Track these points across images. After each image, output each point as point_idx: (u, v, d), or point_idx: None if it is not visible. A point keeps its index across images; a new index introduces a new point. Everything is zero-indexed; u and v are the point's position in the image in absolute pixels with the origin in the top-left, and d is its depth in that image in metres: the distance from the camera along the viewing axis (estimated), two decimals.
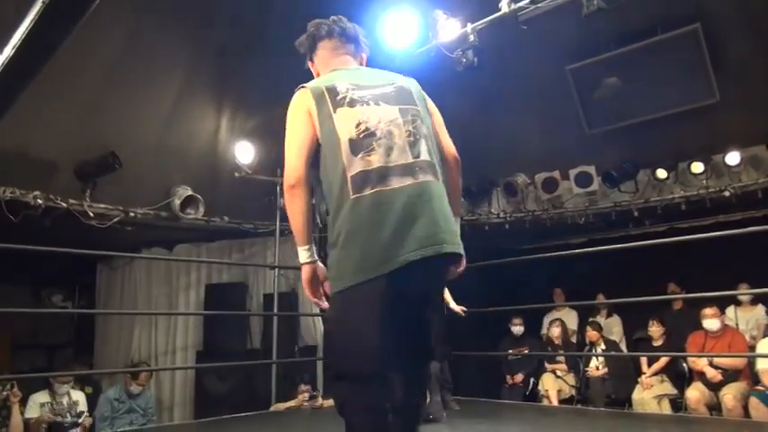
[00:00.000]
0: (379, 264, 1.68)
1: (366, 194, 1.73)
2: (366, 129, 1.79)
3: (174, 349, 6.59)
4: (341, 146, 1.78)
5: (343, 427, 1.70)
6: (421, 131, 1.85)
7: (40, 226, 5.14)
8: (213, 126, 6.04)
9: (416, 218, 1.72)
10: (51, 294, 8.65)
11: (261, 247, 6.75)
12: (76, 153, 5.07)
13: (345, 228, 1.73)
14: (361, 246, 1.70)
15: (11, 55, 0.61)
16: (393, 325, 1.70)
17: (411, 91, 1.95)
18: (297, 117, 1.88)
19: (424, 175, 1.78)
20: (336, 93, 1.85)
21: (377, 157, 1.76)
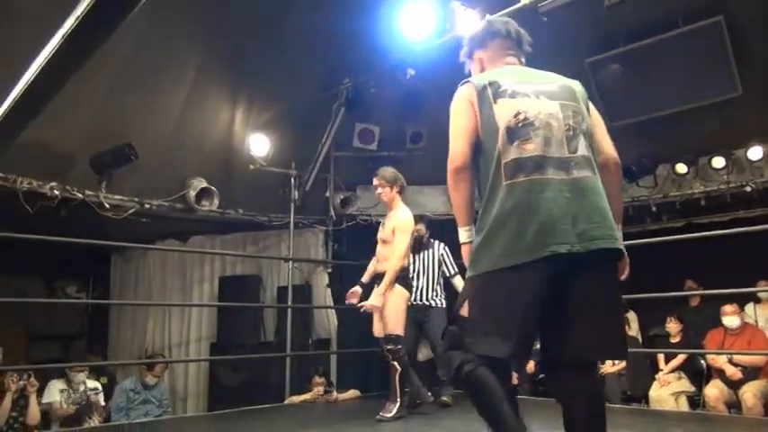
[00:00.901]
0: (526, 251, 1.71)
1: (519, 181, 1.77)
2: (525, 118, 1.83)
3: (188, 341, 6.61)
4: (498, 133, 1.83)
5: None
6: (581, 127, 1.87)
7: (56, 217, 5.15)
8: (228, 118, 6.03)
9: (568, 212, 1.73)
10: (66, 285, 8.70)
11: (275, 239, 6.74)
12: (93, 144, 5.07)
13: (495, 213, 1.78)
14: (510, 232, 1.74)
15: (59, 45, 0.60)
16: (530, 312, 1.73)
17: (574, 90, 1.98)
18: (460, 107, 1.95)
19: (579, 171, 1.79)
20: (498, 85, 1.91)
21: (533, 146, 1.80)
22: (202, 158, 5.97)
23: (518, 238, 1.73)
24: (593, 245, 1.72)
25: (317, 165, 6.07)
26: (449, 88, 2.08)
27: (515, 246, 1.73)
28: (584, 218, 1.74)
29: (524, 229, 1.73)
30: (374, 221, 6.57)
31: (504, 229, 1.76)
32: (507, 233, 1.75)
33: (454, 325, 1.92)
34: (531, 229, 1.72)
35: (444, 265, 4.85)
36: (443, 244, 4.90)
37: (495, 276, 1.77)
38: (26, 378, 4.47)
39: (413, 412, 4.14)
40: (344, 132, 6.15)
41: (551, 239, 1.71)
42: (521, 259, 1.71)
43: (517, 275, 1.72)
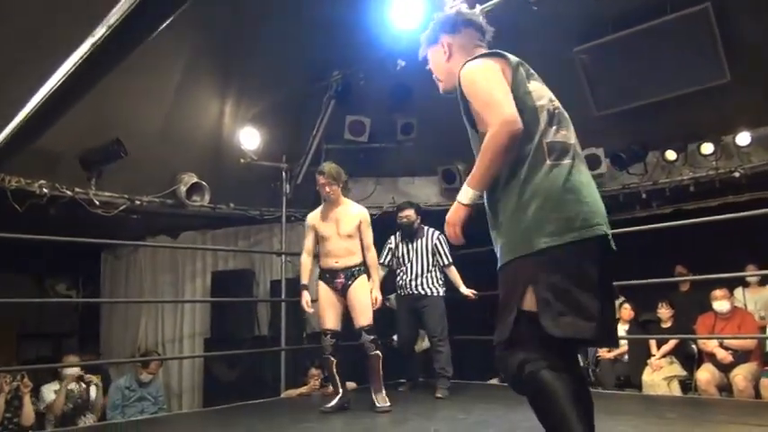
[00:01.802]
0: (581, 229, 1.73)
1: (564, 163, 1.80)
2: (557, 107, 1.89)
3: (181, 337, 6.59)
4: (537, 112, 1.83)
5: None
6: (563, 114, 1.92)
7: (46, 215, 5.11)
8: (217, 112, 5.98)
9: (596, 196, 1.83)
10: (56, 283, 8.64)
11: (267, 233, 6.73)
12: (81, 141, 5.01)
13: (543, 190, 1.76)
14: (564, 210, 1.74)
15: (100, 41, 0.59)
16: (599, 290, 1.73)
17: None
18: (492, 74, 1.85)
19: (580, 156, 1.89)
20: (527, 67, 1.92)
21: (567, 134, 1.86)
22: (192, 153, 5.92)
23: (574, 216, 1.73)
24: (609, 230, 1.81)
25: (307, 158, 6.06)
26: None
27: (572, 224, 1.73)
28: (601, 204, 1.83)
29: (578, 207, 1.75)
30: None
31: (556, 206, 1.74)
32: (560, 211, 1.73)
33: (503, 319, 1.78)
34: (583, 208, 1.76)
35: (438, 254, 4.78)
36: (438, 232, 4.83)
37: (555, 253, 1.71)
38: (19, 379, 4.44)
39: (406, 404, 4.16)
40: (335, 124, 6.13)
41: (597, 220, 1.77)
42: (582, 235, 1.73)
43: (580, 251, 1.72)
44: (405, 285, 4.78)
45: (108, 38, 0.68)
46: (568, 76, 5.48)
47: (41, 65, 3.64)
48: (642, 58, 5.29)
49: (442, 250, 4.79)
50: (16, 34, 4.23)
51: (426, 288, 4.71)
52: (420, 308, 4.71)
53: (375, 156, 6.61)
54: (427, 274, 4.73)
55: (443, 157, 6.46)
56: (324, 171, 4.09)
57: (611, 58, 5.43)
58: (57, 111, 0.88)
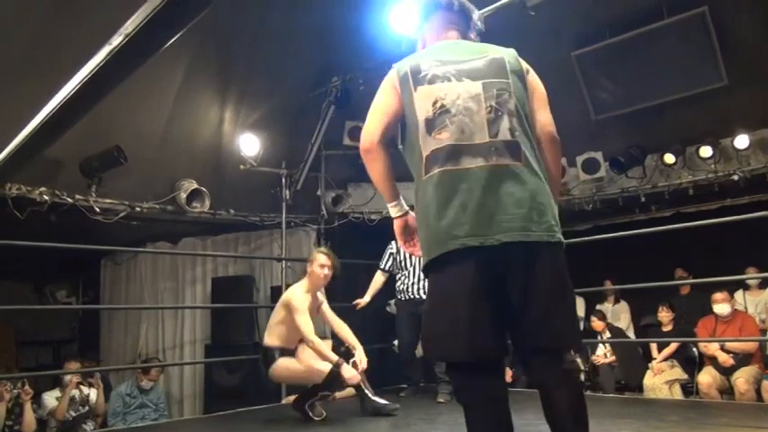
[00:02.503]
0: (440, 243, 1.68)
1: (434, 173, 1.72)
2: (442, 106, 1.75)
3: (182, 343, 6.58)
4: (418, 126, 1.78)
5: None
6: (506, 107, 1.75)
7: (46, 222, 5.11)
8: (217, 119, 5.99)
9: (483, 203, 1.65)
10: (55, 290, 8.63)
11: (267, 239, 6.72)
12: (81, 148, 5.02)
13: (418, 209, 1.80)
14: (428, 225, 1.73)
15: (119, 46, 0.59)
16: (470, 307, 1.63)
17: (504, 63, 1.84)
18: (382, 90, 1.91)
19: (498, 158, 1.69)
20: (419, 71, 1.82)
21: (446, 135, 1.72)
22: (192, 160, 5.93)
23: (434, 230, 1.70)
24: (507, 237, 1.63)
25: (307, 164, 6.07)
26: None
27: (432, 239, 1.70)
28: (499, 209, 1.65)
29: (438, 222, 1.68)
30: (366, 219, 6.58)
31: (425, 223, 1.75)
32: (427, 227, 1.73)
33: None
34: (443, 223, 1.67)
35: None
36: None
37: (432, 273, 1.75)
38: (20, 386, 4.43)
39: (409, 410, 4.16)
40: (334, 130, 6.15)
41: (462, 232, 1.64)
42: (436, 252, 1.68)
43: (442, 271, 1.69)
44: (405, 290, 4.78)
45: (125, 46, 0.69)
46: (566, 80, 5.51)
47: (48, 74, 3.67)
48: (640, 62, 5.31)
49: None
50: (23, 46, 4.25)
51: None
52: (421, 312, 4.70)
53: None
54: None
55: None
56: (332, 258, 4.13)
57: (609, 62, 5.45)
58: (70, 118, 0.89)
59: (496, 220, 1.64)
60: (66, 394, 4.58)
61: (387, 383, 5.55)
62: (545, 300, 1.66)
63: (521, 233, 1.65)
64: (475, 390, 1.68)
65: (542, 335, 1.66)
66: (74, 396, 4.64)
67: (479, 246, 1.63)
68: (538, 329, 1.66)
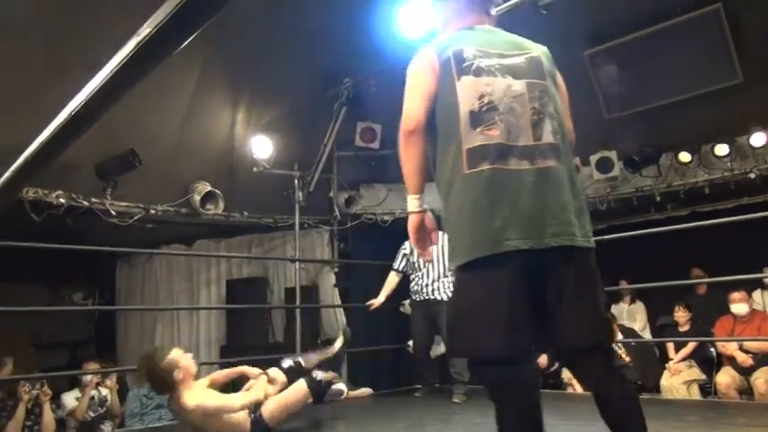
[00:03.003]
0: (490, 244, 1.64)
1: (483, 170, 1.68)
2: (490, 102, 1.71)
3: (197, 344, 6.62)
4: (459, 116, 1.72)
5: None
6: (547, 110, 1.75)
7: (63, 225, 5.17)
8: (229, 121, 6.03)
9: (532, 206, 1.65)
10: (72, 292, 8.72)
11: (280, 241, 6.75)
12: (97, 152, 5.07)
13: (458, 203, 1.72)
14: (474, 223, 1.68)
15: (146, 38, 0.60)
16: (508, 308, 1.62)
17: (542, 63, 1.83)
18: (420, 70, 1.82)
19: (543, 161, 1.70)
20: (462, 59, 1.76)
21: (497, 133, 1.69)
22: (206, 162, 5.98)
23: (480, 231, 1.66)
24: (554, 241, 1.65)
25: (319, 165, 6.09)
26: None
27: (477, 239, 1.66)
28: (546, 213, 1.66)
29: (486, 222, 1.65)
30: (379, 220, 6.59)
31: (469, 220, 1.69)
32: (471, 225, 1.69)
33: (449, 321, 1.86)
34: (492, 223, 1.65)
35: None
36: None
37: (465, 271, 1.71)
38: (38, 387, 4.48)
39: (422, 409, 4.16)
40: (346, 132, 6.17)
41: (513, 235, 1.63)
42: (482, 253, 1.65)
43: (485, 271, 1.65)
44: (420, 291, 4.77)
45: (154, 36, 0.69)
46: (580, 79, 5.47)
47: (65, 77, 3.71)
48: (654, 60, 5.27)
49: None
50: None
51: (442, 293, 4.67)
52: (436, 313, 4.69)
53: (387, 162, 6.62)
54: (443, 279, 4.69)
55: None
56: None
57: (623, 61, 5.42)
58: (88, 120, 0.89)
59: (545, 224, 1.65)
60: (86, 394, 4.63)
61: (401, 384, 5.56)
62: (586, 302, 1.69)
63: (566, 237, 1.67)
64: (509, 387, 1.68)
65: (587, 335, 1.69)
66: (93, 396, 4.68)
67: (528, 249, 1.63)
68: (582, 330, 1.68)
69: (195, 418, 3.00)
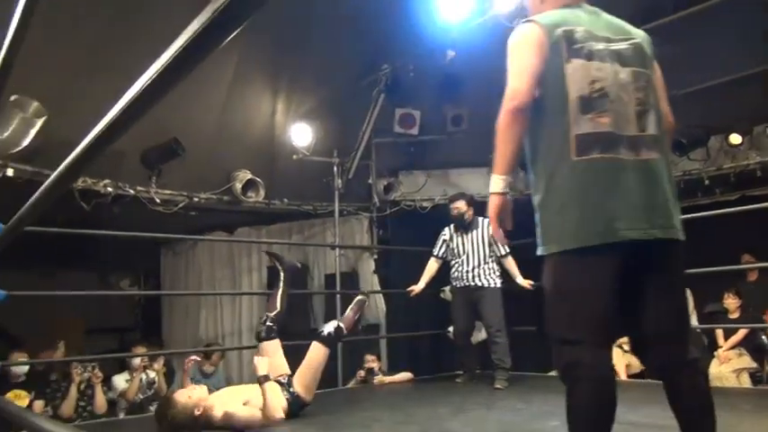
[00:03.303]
0: (601, 233, 1.63)
1: (593, 158, 1.65)
2: (601, 88, 1.67)
3: (240, 330, 6.75)
4: (567, 101, 1.68)
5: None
6: (650, 101, 1.74)
7: (110, 213, 5.30)
8: (269, 109, 6.09)
9: (639, 197, 1.65)
10: (119, 279, 8.99)
11: (320, 228, 6.81)
12: (141, 141, 5.18)
13: (563, 190, 1.68)
14: (583, 211, 1.65)
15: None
16: (605, 296, 1.65)
17: (644, 50, 1.79)
18: (526, 45, 1.74)
19: (648, 152, 1.69)
20: (574, 40, 1.71)
21: (608, 121, 1.66)
22: (246, 150, 6.05)
23: (592, 219, 1.65)
24: (661, 233, 1.66)
25: (358, 152, 6.09)
26: (489, 69, 1.97)
27: (588, 227, 1.64)
28: (653, 205, 1.66)
29: (598, 211, 1.64)
30: (418, 206, 6.57)
31: (575, 207, 1.66)
32: (580, 213, 1.65)
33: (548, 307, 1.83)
34: (604, 212, 1.64)
35: (495, 244, 4.68)
36: None
37: (568, 257, 1.67)
38: (90, 370, 4.64)
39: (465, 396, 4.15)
40: (385, 118, 6.15)
41: (624, 225, 1.63)
42: (593, 241, 1.63)
43: (591, 258, 1.63)
44: (461, 277, 4.74)
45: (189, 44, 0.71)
46: None
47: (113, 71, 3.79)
48: (704, 39, 5.08)
49: (497, 241, 4.74)
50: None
51: (483, 280, 4.65)
52: (476, 299, 4.67)
53: (425, 148, 6.60)
54: (484, 266, 4.66)
55: (495, 147, 6.38)
56: None
57: (670, 40, 5.22)
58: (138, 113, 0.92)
59: (652, 215, 1.66)
60: (135, 377, 4.78)
61: (441, 370, 5.55)
62: (678, 293, 1.75)
63: (672, 230, 1.70)
64: (591, 366, 1.67)
65: (674, 323, 1.72)
66: (141, 379, 4.83)
67: (636, 239, 1.63)
68: (670, 317, 1.71)
69: (235, 422, 3.10)
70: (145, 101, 0.90)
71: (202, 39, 0.72)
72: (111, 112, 0.96)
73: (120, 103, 0.93)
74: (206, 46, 0.75)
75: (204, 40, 0.73)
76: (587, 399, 1.65)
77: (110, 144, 1.09)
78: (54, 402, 4.49)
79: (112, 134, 1.01)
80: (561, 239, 1.70)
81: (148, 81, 0.84)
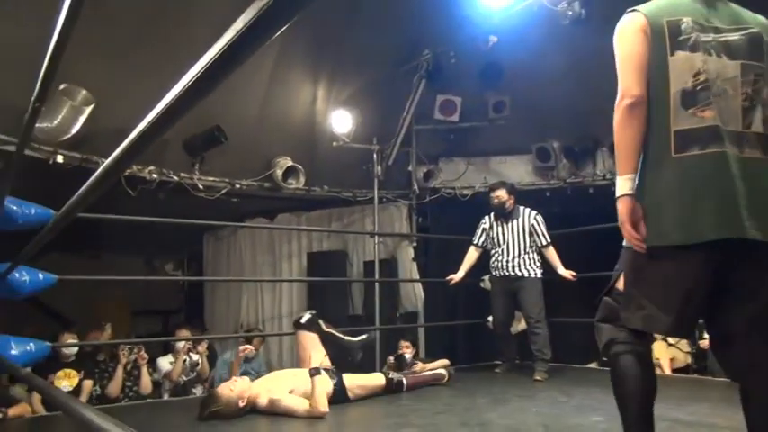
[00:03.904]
0: (695, 233, 1.60)
1: (693, 154, 1.62)
2: (705, 80, 1.63)
3: (280, 315, 6.84)
4: (670, 94, 1.65)
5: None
6: (761, 95, 1.66)
7: (155, 199, 5.42)
8: (310, 96, 6.11)
9: (741, 196, 1.59)
10: (163, 264, 9.22)
11: (359, 215, 6.82)
12: (185, 128, 5.26)
13: (662, 185, 1.65)
14: (680, 209, 1.63)
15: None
16: (693, 294, 1.64)
17: (761, 41, 1.70)
18: (634, 37, 1.70)
19: (751, 150, 1.62)
20: (679, 31, 1.66)
21: (711, 115, 1.61)
22: (287, 138, 6.09)
23: (689, 217, 1.61)
24: (759, 235, 1.58)
25: (398, 139, 6.06)
26: (532, 55, 1.95)
27: (685, 225, 1.61)
28: (751, 204, 1.59)
29: (696, 208, 1.60)
30: (458, 194, 6.52)
31: (673, 204, 1.63)
32: (677, 210, 1.63)
33: (610, 296, 1.85)
34: (703, 210, 1.59)
35: (536, 234, 4.62)
36: (535, 212, 4.69)
37: (658, 252, 1.65)
38: (136, 351, 4.78)
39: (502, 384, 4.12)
40: (425, 105, 6.10)
41: (723, 224, 1.58)
42: (690, 240, 1.60)
43: (683, 255, 1.61)
44: (500, 267, 4.69)
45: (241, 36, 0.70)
46: None
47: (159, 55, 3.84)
48: None
49: (539, 230, 4.63)
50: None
51: (523, 269, 4.59)
52: (516, 289, 4.62)
53: (466, 135, 6.52)
54: (524, 256, 4.60)
55: (537, 134, 6.27)
56: None
57: None
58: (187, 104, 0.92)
59: (748, 215, 1.58)
60: (179, 359, 4.90)
61: (479, 359, 5.53)
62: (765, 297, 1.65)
63: (765, 232, 1.59)
64: (626, 341, 1.75)
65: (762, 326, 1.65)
66: (185, 361, 4.95)
67: (728, 238, 1.58)
68: (759, 321, 1.64)
69: (280, 409, 3.22)
70: (191, 96, 0.90)
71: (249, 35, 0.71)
72: (159, 104, 0.97)
73: (168, 97, 0.94)
74: (253, 42, 0.75)
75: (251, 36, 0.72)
76: (624, 371, 1.72)
77: (159, 136, 1.11)
78: (102, 382, 4.64)
79: (161, 126, 1.03)
80: (651, 237, 1.67)
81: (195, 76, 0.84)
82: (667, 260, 1.64)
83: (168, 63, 3.26)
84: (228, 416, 3.14)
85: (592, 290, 5.88)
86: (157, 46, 4.56)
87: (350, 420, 3.32)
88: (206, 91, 0.91)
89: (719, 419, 2.84)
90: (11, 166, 3.17)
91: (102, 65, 4.54)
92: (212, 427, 3.05)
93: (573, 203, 6.13)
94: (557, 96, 5.63)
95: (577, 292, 5.57)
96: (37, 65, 1.58)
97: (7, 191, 3.10)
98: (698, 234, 1.59)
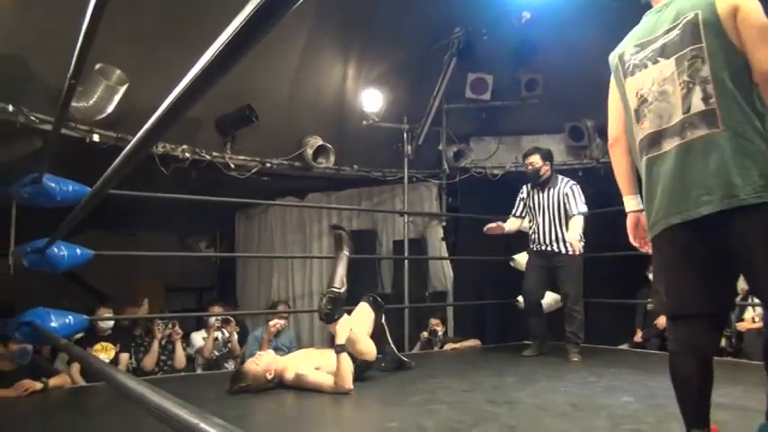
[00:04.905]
0: (651, 228, 1.88)
1: (642, 162, 1.89)
2: (641, 96, 1.88)
3: (310, 292, 6.92)
4: (632, 116, 1.94)
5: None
6: (698, 76, 1.73)
7: (188, 178, 5.50)
8: (341, 75, 6.09)
9: (678, 181, 1.76)
10: (197, 242, 9.39)
11: (389, 194, 6.82)
12: (216, 108, 5.31)
13: (642, 187, 1.95)
14: (646, 208, 1.92)
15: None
16: (683, 276, 1.79)
17: (698, 22, 1.74)
18: (611, 82, 2.06)
19: (692, 131, 1.74)
20: (624, 62, 1.96)
21: (647, 125, 1.86)
22: (317, 117, 6.10)
23: (650, 214, 1.87)
24: (707, 209, 1.70)
25: (429, 118, 6.02)
26: (566, 32, 2.04)
27: (650, 219, 1.88)
28: (695, 184, 1.72)
29: (650, 206, 1.87)
30: (488, 173, 6.46)
31: (646, 204, 1.92)
32: (647, 207, 1.91)
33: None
34: (653, 207, 1.85)
35: (567, 203, 4.43)
36: (573, 182, 4.53)
37: (653, 243, 1.90)
38: (171, 327, 4.90)
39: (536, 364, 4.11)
40: (456, 83, 6.03)
41: (666, 213, 1.79)
42: (656, 230, 1.85)
43: (662, 245, 1.85)
44: (537, 240, 4.55)
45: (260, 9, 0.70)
46: None
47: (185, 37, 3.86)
48: None
49: (571, 199, 4.42)
50: None
51: (562, 245, 4.41)
52: (554, 267, 4.48)
53: (498, 114, 6.44)
54: (560, 229, 4.43)
55: (570, 113, 6.15)
56: None
57: None
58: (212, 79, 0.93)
59: (695, 194, 1.72)
60: (211, 335, 5.02)
61: (507, 339, 5.52)
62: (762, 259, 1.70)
63: (722, 202, 1.68)
64: (673, 340, 1.85)
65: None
66: (216, 338, 5.06)
67: (682, 222, 1.75)
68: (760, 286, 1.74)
69: (305, 384, 3.32)
70: (214, 70, 0.91)
71: (270, 6, 0.71)
72: (182, 81, 0.98)
73: (190, 74, 0.94)
74: (273, 14, 0.74)
75: (272, 8, 0.72)
76: (672, 372, 1.82)
77: (184, 112, 1.12)
78: (138, 356, 4.78)
79: (185, 102, 1.04)
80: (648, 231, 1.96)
81: (217, 51, 0.85)
82: (656, 249, 1.89)
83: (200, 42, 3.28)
84: (258, 389, 3.24)
85: (623, 270, 5.80)
86: (189, 26, 4.59)
87: (377, 397, 3.35)
88: (227, 67, 0.91)
89: (753, 402, 2.77)
90: (48, 145, 3.26)
91: (135, 45, 4.60)
92: (241, 399, 3.13)
93: (606, 183, 6.01)
94: (591, 74, 5.47)
95: (607, 273, 5.50)
96: (73, 49, 1.61)
97: (45, 168, 3.18)
98: (656, 226, 1.84)
